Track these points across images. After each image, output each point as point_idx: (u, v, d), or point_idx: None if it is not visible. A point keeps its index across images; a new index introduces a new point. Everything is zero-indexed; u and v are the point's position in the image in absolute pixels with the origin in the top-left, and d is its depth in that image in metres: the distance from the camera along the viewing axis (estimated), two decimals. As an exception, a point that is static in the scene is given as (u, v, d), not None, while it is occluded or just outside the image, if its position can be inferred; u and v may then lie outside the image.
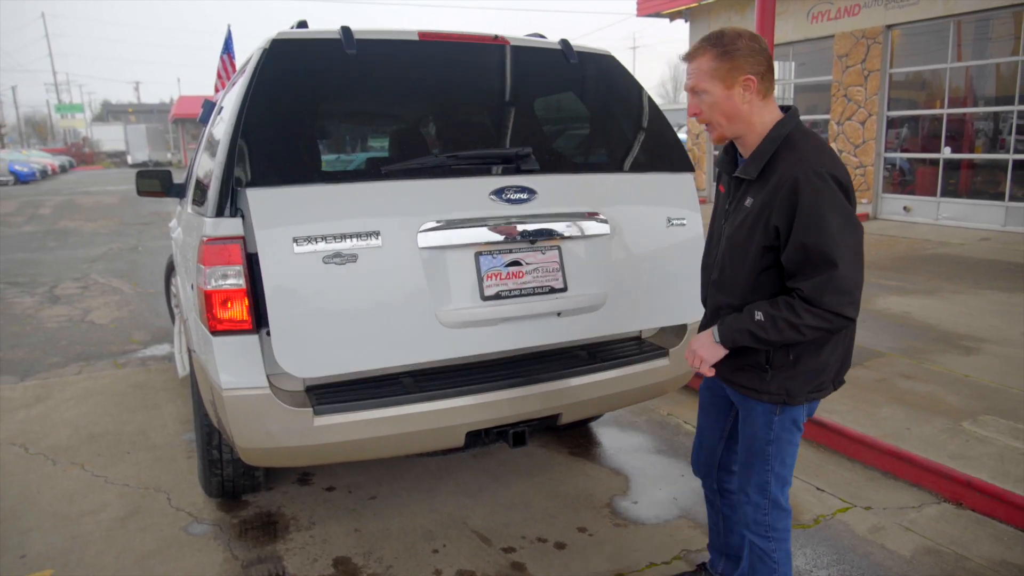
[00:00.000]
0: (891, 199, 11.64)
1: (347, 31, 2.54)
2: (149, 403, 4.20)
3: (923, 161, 11.23)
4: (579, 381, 2.58)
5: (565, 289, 2.53)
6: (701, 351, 1.83)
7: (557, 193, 2.56)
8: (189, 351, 2.83)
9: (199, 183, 2.97)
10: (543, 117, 3.10)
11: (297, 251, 2.16)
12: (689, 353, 1.87)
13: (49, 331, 5.88)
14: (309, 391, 2.37)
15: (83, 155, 46.69)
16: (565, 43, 2.92)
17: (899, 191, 11.59)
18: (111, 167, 41.86)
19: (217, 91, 7.51)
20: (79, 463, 3.42)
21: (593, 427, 3.75)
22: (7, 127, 57.22)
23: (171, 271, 4.66)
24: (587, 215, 2.61)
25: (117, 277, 8.26)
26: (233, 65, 7.95)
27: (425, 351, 2.36)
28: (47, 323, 6.15)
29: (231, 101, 2.56)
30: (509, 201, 2.45)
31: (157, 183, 4.01)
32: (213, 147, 2.72)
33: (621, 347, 2.86)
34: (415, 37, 2.63)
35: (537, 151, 2.58)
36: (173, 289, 4.56)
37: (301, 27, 2.74)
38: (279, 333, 2.15)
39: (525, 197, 2.47)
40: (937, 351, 4.73)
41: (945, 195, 10.84)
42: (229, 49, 8.02)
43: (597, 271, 2.61)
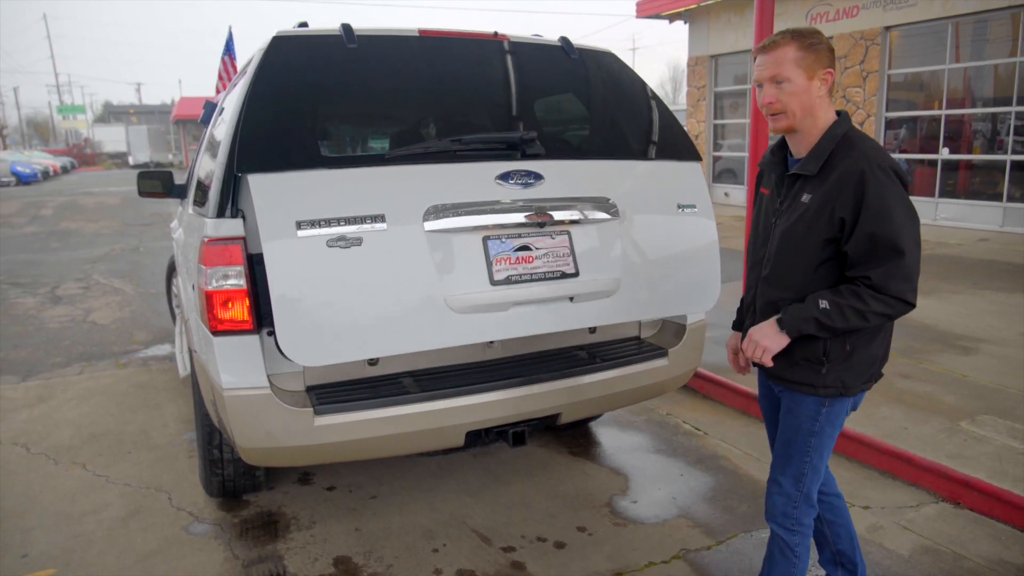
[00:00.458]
0: (891, 200, 11.63)
1: (348, 28, 2.56)
2: (150, 403, 4.21)
3: (921, 162, 11.23)
4: (578, 381, 2.59)
5: (577, 274, 2.49)
6: (764, 341, 1.82)
7: (564, 178, 2.53)
8: (190, 351, 2.84)
9: (200, 184, 2.98)
10: (546, 109, 3.07)
11: (300, 235, 2.12)
12: (750, 344, 1.86)
13: (51, 331, 5.90)
14: (310, 391, 2.38)
15: (85, 156, 46.72)
16: (565, 40, 2.94)
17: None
18: (113, 168, 41.88)
19: (218, 92, 7.53)
20: (81, 463, 3.43)
21: (593, 427, 3.77)
22: (9, 128, 57.35)
23: (172, 271, 4.68)
24: (596, 199, 2.58)
25: (119, 278, 8.28)
26: (234, 66, 7.96)
27: (435, 337, 2.30)
28: (49, 323, 6.17)
29: (232, 101, 2.57)
30: (516, 184, 2.42)
31: (158, 184, 4.03)
32: (214, 148, 2.73)
33: (620, 347, 2.87)
34: (415, 34, 2.66)
35: (542, 138, 2.55)
36: (174, 289, 4.58)
37: (302, 28, 2.75)
38: (283, 321, 2.10)
39: (532, 181, 2.44)
40: (935, 351, 4.74)
41: (943, 196, 10.85)
42: (230, 51, 8.03)
43: (609, 256, 2.57)
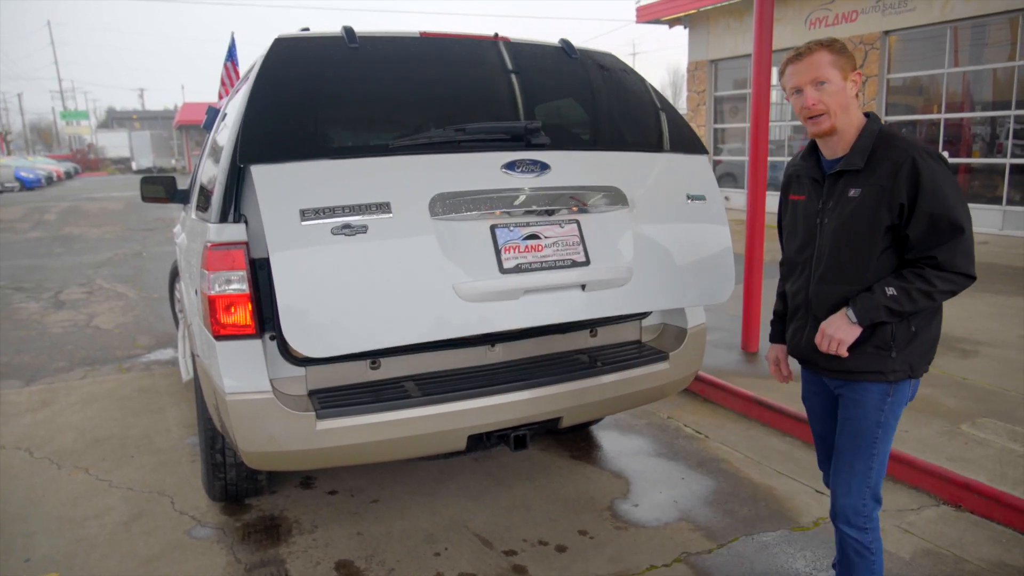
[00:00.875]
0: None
1: (349, 30, 2.58)
2: (153, 407, 4.23)
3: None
4: (580, 385, 2.59)
5: (588, 263, 2.45)
6: (839, 333, 1.85)
7: (571, 168, 2.52)
8: (193, 356, 2.85)
9: (203, 189, 3.00)
10: (549, 107, 3.07)
11: (304, 224, 2.09)
12: (823, 338, 1.88)
13: (54, 336, 5.92)
14: (312, 395, 2.40)
15: (88, 161, 46.91)
16: (565, 41, 2.95)
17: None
18: (116, 173, 42.01)
19: (221, 98, 7.56)
20: (83, 467, 3.45)
21: (594, 430, 3.77)
22: (13, 134, 57.59)
23: (176, 276, 4.70)
24: (605, 188, 2.56)
25: (122, 282, 8.30)
26: (237, 72, 7.99)
27: (445, 327, 2.25)
28: (52, 328, 6.19)
29: (235, 105, 2.59)
30: (522, 173, 2.41)
31: (161, 189, 4.05)
32: (217, 153, 2.75)
33: (621, 351, 2.87)
34: (416, 36, 2.69)
35: (546, 131, 2.54)
36: (177, 294, 4.60)
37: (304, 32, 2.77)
38: (288, 311, 2.06)
39: (538, 170, 2.43)
40: (935, 354, 4.73)
41: (944, 199, 10.84)
42: (233, 57, 8.06)
43: (620, 245, 2.54)
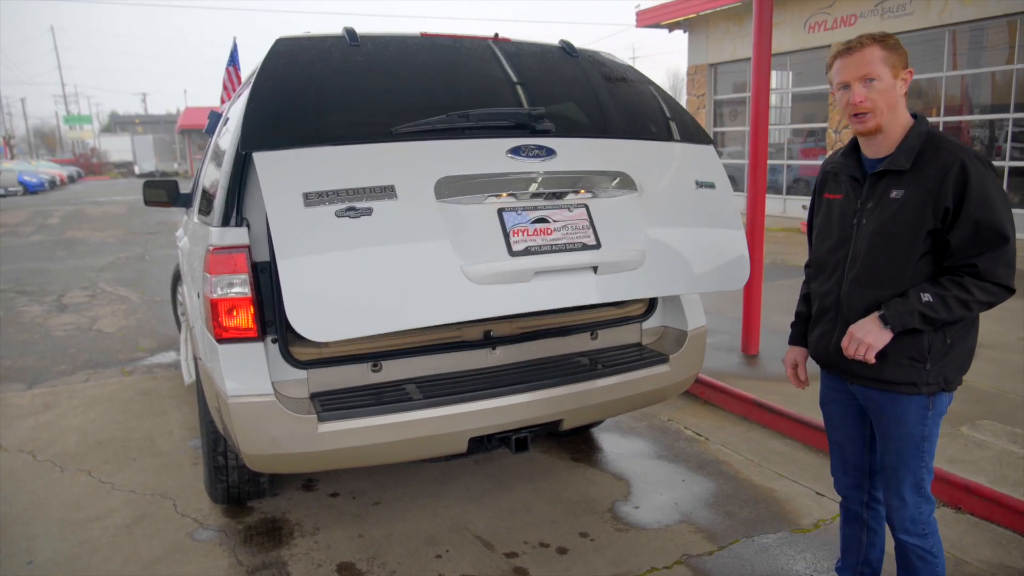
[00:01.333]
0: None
1: (351, 30, 2.60)
2: (156, 410, 4.24)
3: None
4: (580, 387, 2.60)
5: (599, 246, 2.41)
6: (868, 338, 1.78)
7: (577, 153, 2.50)
8: (195, 359, 2.87)
9: (205, 193, 3.02)
10: (551, 101, 3.05)
11: (307, 207, 2.07)
12: (851, 342, 1.82)
13: (57, 339, 5.94)
14: (313, 398, 2.41)
15: (91, 165, 47.02)
16: (565, 42, 2.98)
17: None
18: (118, 177, 42.08)
19: (223, 102, 7.59)
20: (86, 470, 3.46)
21: (594, 433, 3.78)
22: (16, 138, 57.76)
23: (178, 280, 4.72)
24: (613, 173, 2.54)
25: (124, 286, 8.32)
26: (239, 77, 8.02)
27: (455, 310, 2.20)
28: (55, 331, 6.21)
29: (237, 109, 2.61)
30: (528, 158, 2.38)
31: (164, 193, 4.07)
32: (219, 157, 2.77)
33: (622, 354, 2.88)
34: (417, 36, 2.71)
35: (550, 119, 2.51)
36: (180, 297, 4.62)
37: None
38: (292, 294, 2.01)
39: (544, 155, 2.41)
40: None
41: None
42: (235, 61, 8.09)
43: (631, 229, 2.50)
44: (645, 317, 3.02)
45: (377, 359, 2.53)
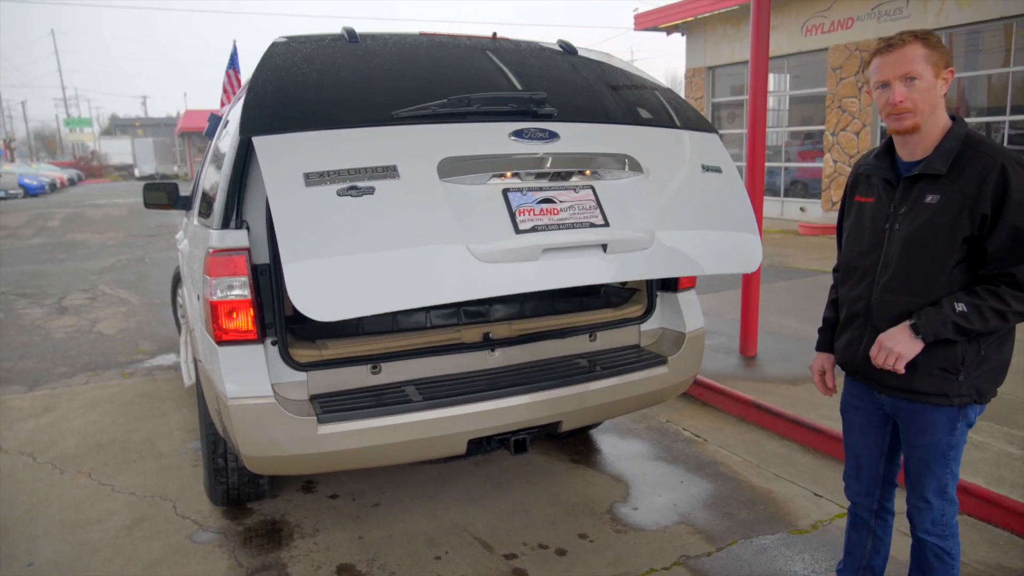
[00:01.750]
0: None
1: (350, 30, 2.62)
2: (156, 412, 4.25)
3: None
4: (579, 389, 2.61)
5: (607, 225, 2.37)
6: (898, 347, 1.73)
7: (581, 136, 2.49)
8: (195, 361, 2.88)
9: (205, 196, 3.03)
10: (551, 87, 3.03)
11: (308, 186, 2.04)
12: (880, 351, 1.77)
13: (57, 341, 5.95)
14: (313, 400, 2.42)
15: (91, 168, 47.10)
16: (563, 42, 2.99)
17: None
18: (119, 180, 42.15)
19: (223, 105, 7.60)
20: (86, 472, 3.47)
21: (593, 434, 3.79)
22: (17, 141, 57.75)
23: (178, 282, 4.73)
24: (618, 156, 2.53)
25: (124, 288, 8.34)
26: (238, 80, 8.04)
27: (461, 288, 2.15)
28: (55, 334, 6.22)
29: (237, 113, 2.62)
30: (532, 140, 2.37)
31: (164, 196, 4.08)
32: (219, 160, 2.78)
33: (620, 355, 2.89)
34: (417, 35, 2.74)
35: (552, 103, 2.49)
36: (179, 300, 4.63)
37: None
38: (293, 273, 1.96)
39: (547, 137, 2.40)
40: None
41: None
42: (234, 64, 8.10)
43: (639, 210, 2.47)
44: (643, 319, 3.03)
45: (376, 361, 2.54)
